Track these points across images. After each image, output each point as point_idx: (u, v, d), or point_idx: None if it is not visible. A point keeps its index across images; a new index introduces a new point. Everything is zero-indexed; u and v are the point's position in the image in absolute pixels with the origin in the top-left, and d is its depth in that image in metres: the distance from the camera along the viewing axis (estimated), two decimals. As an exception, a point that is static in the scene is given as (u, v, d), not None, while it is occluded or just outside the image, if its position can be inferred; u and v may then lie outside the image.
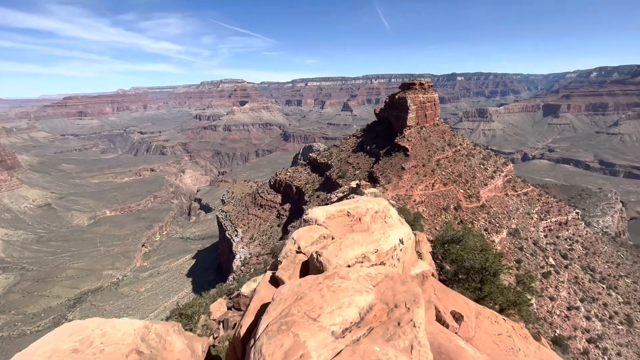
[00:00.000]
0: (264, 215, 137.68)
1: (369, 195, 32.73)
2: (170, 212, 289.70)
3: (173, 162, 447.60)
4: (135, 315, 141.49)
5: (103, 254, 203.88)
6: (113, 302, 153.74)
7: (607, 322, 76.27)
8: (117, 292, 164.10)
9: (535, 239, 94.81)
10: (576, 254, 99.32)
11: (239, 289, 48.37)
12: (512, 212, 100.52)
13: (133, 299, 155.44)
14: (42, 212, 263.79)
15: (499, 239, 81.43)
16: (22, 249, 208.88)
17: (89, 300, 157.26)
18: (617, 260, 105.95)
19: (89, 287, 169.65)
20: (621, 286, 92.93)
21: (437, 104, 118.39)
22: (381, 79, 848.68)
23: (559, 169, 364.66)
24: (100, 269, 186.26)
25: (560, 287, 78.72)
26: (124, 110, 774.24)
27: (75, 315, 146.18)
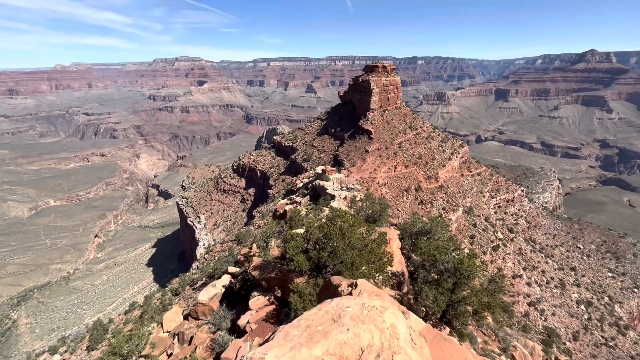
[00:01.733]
0: (227, 200, 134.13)
1: (335, 182, 32.71)
2: (125, 199, 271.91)
3: (126, 147, 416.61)
4: (92, 309, 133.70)
5: (49, 247, 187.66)
6: (64, 298, 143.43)
7: (545, 286, 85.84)
8: (68, 286, 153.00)
9: (486, 215, 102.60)
10: (520, 227, 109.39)
11: (202, 279, 47.11)
12: (467, 191, 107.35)
13: (87, 292, 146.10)
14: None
15: (455, 217, 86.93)
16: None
17: (36, 298, 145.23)
18: (554, 232, 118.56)
19: (35, 284, 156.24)
20: (556, 254, 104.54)
21: (399, 87, 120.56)
22: (345, 60, 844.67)
23: (507, 150, 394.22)
24: (47, 263, 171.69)
25: (507, 258, 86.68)
26: (65, 88, 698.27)
27: (20, 314, 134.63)
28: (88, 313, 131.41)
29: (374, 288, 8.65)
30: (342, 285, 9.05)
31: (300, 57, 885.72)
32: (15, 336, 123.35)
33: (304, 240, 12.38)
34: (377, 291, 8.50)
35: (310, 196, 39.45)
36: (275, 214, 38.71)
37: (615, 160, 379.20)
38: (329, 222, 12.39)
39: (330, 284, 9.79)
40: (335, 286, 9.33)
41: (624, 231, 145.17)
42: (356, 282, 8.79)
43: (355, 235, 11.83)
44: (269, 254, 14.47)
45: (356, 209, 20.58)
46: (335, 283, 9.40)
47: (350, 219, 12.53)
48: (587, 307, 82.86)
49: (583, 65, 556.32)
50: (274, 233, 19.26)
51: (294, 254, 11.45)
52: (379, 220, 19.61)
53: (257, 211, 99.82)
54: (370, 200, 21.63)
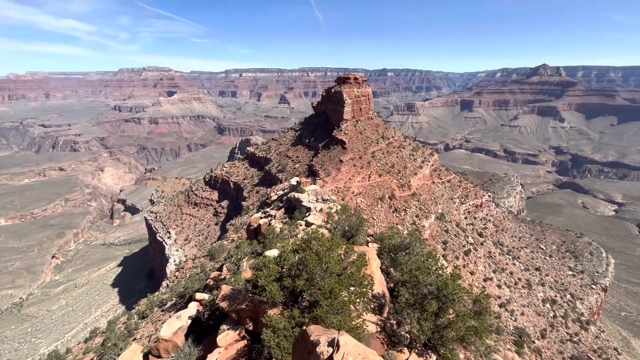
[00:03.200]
0: (199, 214, 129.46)
1: (310, 194, 32.32)
2: (87, 216, 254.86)
3: (88, 160, 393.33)
4: (48, 338, 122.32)
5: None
6: (15, 327, 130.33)
7: (513, 287, 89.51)
8: (20, 314, 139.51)
9: (457, 221, 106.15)
10: (489, 231, 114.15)
11: (172, 299, 44.43)
12: (438, 198, 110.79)
13: (43, 319, 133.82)
14: None
15: (428, 223, 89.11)
16: None
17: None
18: (519, 235, 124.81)
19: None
20: (522, 256, 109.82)
21: (371, 98, 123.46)
22: (317, 72, 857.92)
23: (474, 158, 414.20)
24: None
25: (478, 262, 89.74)
26: (19, 98, 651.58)
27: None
28: (44, 342, 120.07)
29: (359, 348, 7.62)
30: (321, 344, 7.85)
31: (272, 68, 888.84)
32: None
33: (277, 265, 11.57)
34: (363, 352, 7.50)
35: (285, 209, 38.72)
36: (249, 228, 37.53)
37: (569, 165, 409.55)
38: (304, 244, 11.69)
39: (306, 336, 8.52)
40: (312, 343, 8.09)
41: (580, 231, 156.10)
42: (338, 341, 7.71)
43: (333, 259, 11.17)
44: (240, 278, 13.53)
45: (332, 223, 20.17)
46: (312, 338, 8.19)
47: (326, 242, 11.93)
48: (552, 305, 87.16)
49: (537, 79, 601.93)
50: (245, 254, 18.33)
51: (267, 283, 10.59)
52: (356, 235, 19.23)
53: (230, 224, 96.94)
54: (347, 213, 21.33)
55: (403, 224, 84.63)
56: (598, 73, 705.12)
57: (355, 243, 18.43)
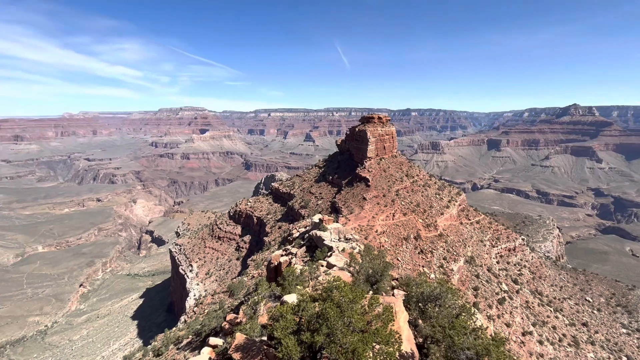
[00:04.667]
0: (222, 248, 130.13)
1: (332, 232, 31.72)
2: (117, 246, 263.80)
3: (123, 192, 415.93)
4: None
5: (30, 297, 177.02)
6: (37, 356, 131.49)
7: (558, 345, 79.88)
8: (44, 342, 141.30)
9: (489, 265, 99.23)
10: (525, 278, 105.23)
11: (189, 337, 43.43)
12: (467, 240, 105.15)
13: (63, 349, 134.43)
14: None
15: (457, 267, 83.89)
16: None
17: (7, 355, 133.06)
18: (560, 283, 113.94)
19: (8, 339, 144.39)
20: (565, 308, 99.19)
21: (394, 137, 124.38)
22: (342, 112, 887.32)
23: (504, 198, 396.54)
24: (24, 315, 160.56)
25: (515, 312, 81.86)
26: (70, 135, 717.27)
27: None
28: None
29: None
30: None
31: (299, 109, 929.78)
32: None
33: (295, 315, 10.74)
34: None
35: (307, 247, 37.97)
36: (269, 265, 36.90)
37: (611, 208, 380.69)
38: (325, 293, 10.94)
39: None
40: None
41: (632, 282, 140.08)
42: None
43: (356, 313, 10.27)
44: (256, 324, 12.86)
45: (355, 266, 19.26)
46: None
47: (349, 292, 10.99)
48: (606, 369, 76.40)
49: (568, 118, 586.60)
50: (263, 297, 17.64)
51: (283, 336, 9.80)
52: (380, 280, 18.06)
53: (251, 259, 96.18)
54: (371, 255, 20.37)
55: (430, 267, 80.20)
56: (635, 113, 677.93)
57: (379, 289, 17.28)
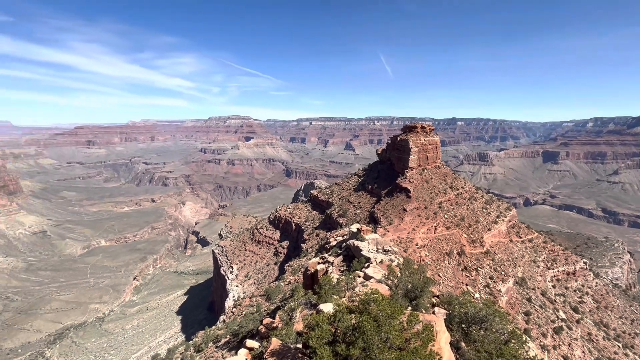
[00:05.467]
0: (261, 252, 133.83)
1: (370, 242, 31.20)
2: (166, 244, 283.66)
3: (174, 194, 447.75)
4: (117, 355, 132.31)
5: (92, 286, 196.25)
6: (95, 340, 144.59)
7: (627, 387, 69.92)
8: (101, 328, 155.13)
9: (543, 289, 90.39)
10: (587, 307, 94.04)
11: (226, 336, 45.07)
12: (517, 259, 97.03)
13: (117, 337, 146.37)
14: (36, 239, 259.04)
15: (505, 288, 77.60)
16: (10, 277, 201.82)
17: (70, 337, 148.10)
18: (631, 316, 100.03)
19: (72, 322, 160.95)
20: (638, 345, 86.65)
21: (438, 147, 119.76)
22: (383, 120, 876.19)
23: (562, 216, 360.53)
24: (86, 302, 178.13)
25: (574, 344, 73.30)
26: (132, 141, 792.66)
27: (53, 353, 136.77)
28: (114, 359, 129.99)
29: None
30: None
31: (340, 117, 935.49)
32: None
33: (330, 325, 10.65)
34: None
35: (344, 256, 37.71)
36: (306, 272, 37.19)
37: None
38: (361, 305, 10.72)
39: None
40: None
41: None
42: None
43: (394, 329, 9.88)
44: (291, 331, 12.99)
45: (394, 280, 18.63)
46: None
47: (387, 306, 10.56)
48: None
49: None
50: (299, 304, 17.79)
51: (318, 346, 9.73)
52: (420, 296, 17.23)
53: (289, 265, 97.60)
54: (410, 269, 19.59)
55: (474, 286, 75.10)
56: None
57: (419, 306, 16.51)
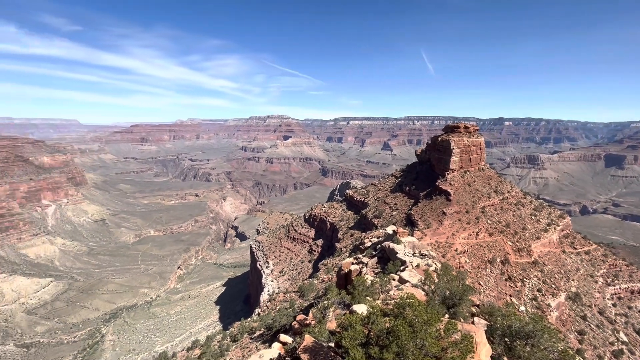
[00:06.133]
0: (295, 249, 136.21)
1: (407, 246, 30.44)
2: (207, 237, 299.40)
3: (216, 189, 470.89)
4: (162, 338, 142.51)
5: (142, 272, 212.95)
6: (144, 322, 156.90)
7: None
8: (148, 311, 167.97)
9: (601, 307, 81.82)
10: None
11: (261, 329, 46.55)
12: (571, 272, 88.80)
13: (162, 320, 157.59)
14: (97, 227, 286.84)
15: (556, 303, 71.48)
16: (75, 259, 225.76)
17: (123, 317, 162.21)
18: None
19: (125, 304, 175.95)
20: None
21: (482, 148, 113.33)
22: (423, 120, 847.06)
23: (627, 227, 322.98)
24: (137, 286, 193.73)
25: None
26: (179, 138, 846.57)
27: (108, 331, 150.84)
28: (159, 341, 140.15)
29: None
30: None
31: (378, 117, 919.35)
32: (100, 351, 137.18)
33: (364, 327, 10.51)
34: None
35: (379, 258, 37.18)
36: (339, 272, 37.25)
37: None
38: (396, 309, 10.46)
39: None
40: None
41: None
42: None
43: (430, 336, 9.47)
44: (324, 329, 13.07)
45: (431, 285, 17.93)
46: None
47: (423, 312, 10.19)
48: None
49: None
50: (332, 303, 17.85)
51: (351, 346, 9.61)
52: (459, 304, 16.40)
53: (322, 264, 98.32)
54: (449, 275, 18.73)
55: (519, 298, 70.13)
56: None
57: (457, 314, 15.78)
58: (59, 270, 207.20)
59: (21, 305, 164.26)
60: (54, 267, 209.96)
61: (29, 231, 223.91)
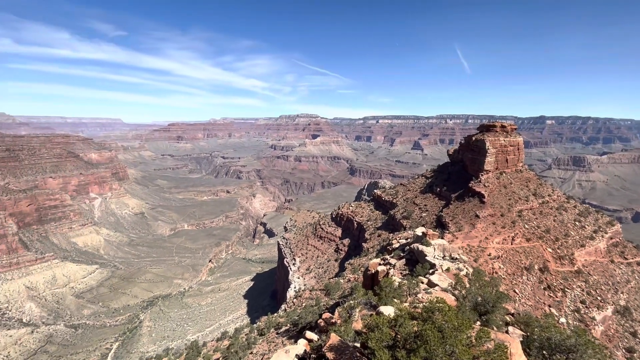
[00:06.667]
0: (322, 247, 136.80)
1: (437, 248, 29.58)
2: (237, 232, 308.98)
3: (246, 186, 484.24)
4: (194, 327, 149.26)
5: (176, 264, 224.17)
6: (177, 311, 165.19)
7: None
8: (182, 301, 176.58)
9: (654, 324, 74.50)
10: None
11: (287, 325, 47.34)
12: (620, 284, 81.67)
13: (194, 311, 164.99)
14: (137, 219, 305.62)
15: (601, 316, 66.17)
16: (117, 249, 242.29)
17: (159, 305, 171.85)
18: None
19: (161, 293, 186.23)
20: None
21: (521, 149, 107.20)
22: (457, 119, 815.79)
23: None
24: (172, 277, 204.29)
25: (697, 397, 59.08)
26: (213, 137, 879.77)
27: (145, 317, 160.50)
28: (191, 330, 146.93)
29: None
30: None
31: (409, 115, 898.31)
32: (138, 335, 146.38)
33: (391, 329, 10.26)
34: None
35: (407, 260, 36.45)
36: (366, 272, 36.97)
37: None
38: (425, 313, 10.11)
39: None
40: None
41: None
42: None
43: (461, 343, 9.05)
44: (350, 329, 13.02)
45: (461, 290, 17.20)
46: None
47: (454, 317, 9.79)
48: None
49: None
50: (359, 303, 17.73)
51: (377, 348, 9.44)
52: (492, 312, 15.54)
53: (349, 263, 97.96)
54: (481, 281, 17.88)
55: (560, 309, 65.68)
56: None
57: (489, 322, 15.05)
58: (103, 258, 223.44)
59: (71, 289, 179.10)
60: (99, 256, 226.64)
61: (79, 221, 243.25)
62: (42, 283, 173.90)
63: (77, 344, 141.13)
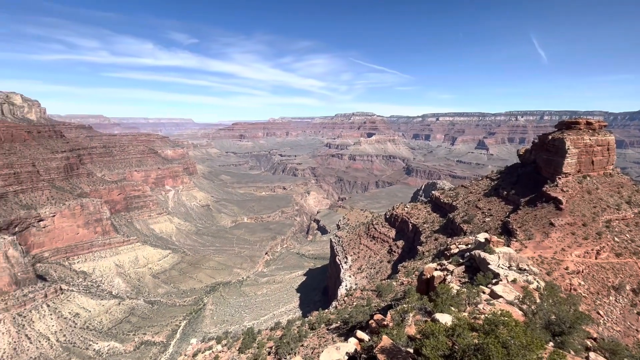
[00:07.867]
0: (375, 247, 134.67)
1: (502, 257, 27.14)
2: (292, 227, 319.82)
3: (301, 183, 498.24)
4: (250, 315, 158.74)
5: (236, 254, 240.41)
6: (236, 298, 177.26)
7: None
8: (240, 289, 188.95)
9: None
10: None
11: (337, 322, 47.60)
12: None
13: (250, 299, 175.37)
14: (203, 211, 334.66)
15: None
16: (186, 237, 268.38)
17: (220, 291, 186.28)
18: None
19: (222, 280, 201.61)
20: None
21: (611, 149, 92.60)
22: (529, 115, 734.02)
23: None
24: (231, 266, 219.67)
25: None
26: (271, 135, 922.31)
27: (209, 301, 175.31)
28: (247, 317, 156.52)
29: None
30: None
31: (473, 112, 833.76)
32: (202, 317, 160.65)
33: (448, 338, 9.60)
34: None
35: (466, 267, 34.09)
36: (421, 276, 35.49)
37: None
38: (487, 326, 9.28)
39: None
40: None
41: None
42: None
43: None
44: (402, 333, 12.59)
45: (531, 306, 15.35)
46: None
47: (521, 334, 8.74)
48: None
49: None
50: (413, 308, 17.01)
51: (432, 356, 8.88)
52: (568, 333, 13.56)
53: (402, 266, 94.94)
54: (555, 297, 15.76)
55: (659, 339, 55.40)
56: None
57: (565, 345, 13.22)
58: (174, 244, 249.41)
59: (149, 270, 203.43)
60: (171, 242, 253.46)
61: (156, 210, 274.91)
62: (127, 262, 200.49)
63: (152, 318, 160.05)
